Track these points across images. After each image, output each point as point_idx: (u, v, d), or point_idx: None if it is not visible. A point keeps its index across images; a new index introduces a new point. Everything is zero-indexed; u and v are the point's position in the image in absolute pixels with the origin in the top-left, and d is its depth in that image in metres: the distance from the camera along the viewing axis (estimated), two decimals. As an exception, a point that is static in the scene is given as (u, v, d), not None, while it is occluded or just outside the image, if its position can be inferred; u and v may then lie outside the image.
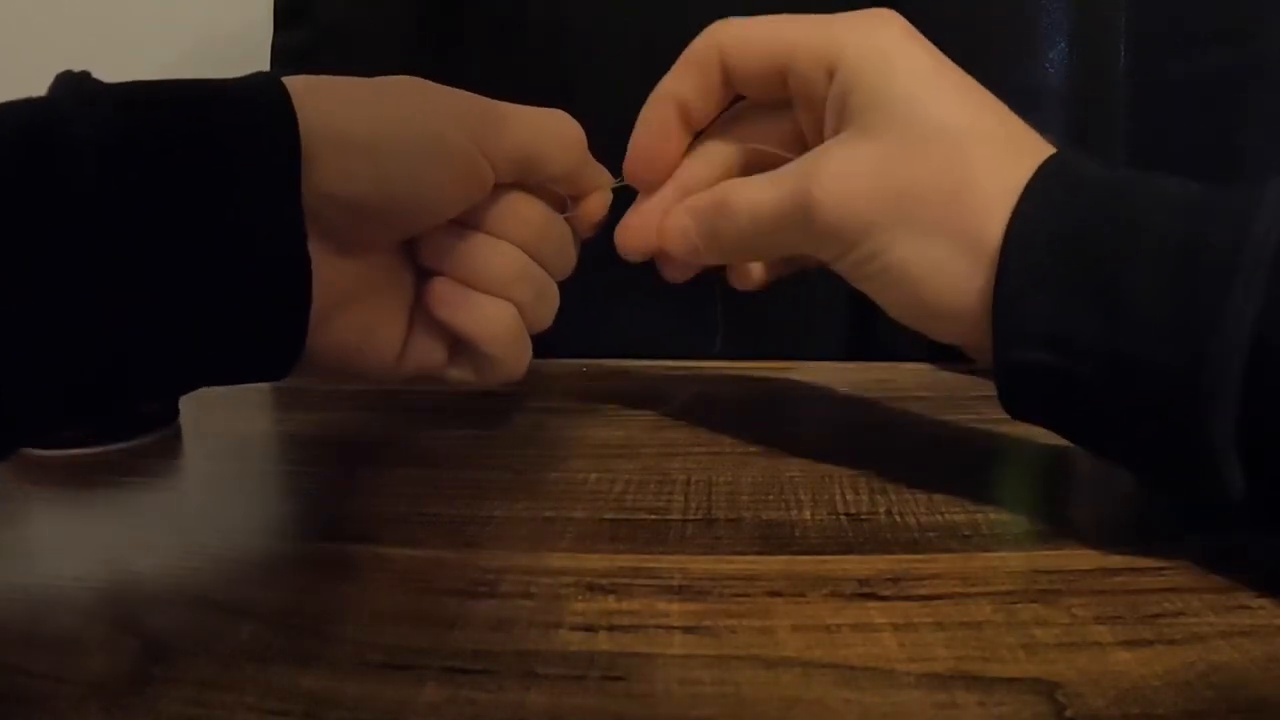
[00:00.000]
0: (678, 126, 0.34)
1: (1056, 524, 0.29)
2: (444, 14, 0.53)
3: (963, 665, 0.21)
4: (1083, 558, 0.26)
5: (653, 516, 0.29)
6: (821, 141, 0.30)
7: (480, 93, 0.32)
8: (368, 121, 0.29)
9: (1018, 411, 0.28)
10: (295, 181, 0.27)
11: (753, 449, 0.36)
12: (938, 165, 0.28)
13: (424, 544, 0.28)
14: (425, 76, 0.31)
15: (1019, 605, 0.24)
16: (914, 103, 0.29)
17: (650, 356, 0.49)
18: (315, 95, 0.28)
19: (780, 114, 0.33)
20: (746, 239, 0.32)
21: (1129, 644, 0.22)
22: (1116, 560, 0.26)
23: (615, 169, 0.35)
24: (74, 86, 0.26)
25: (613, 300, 0.49)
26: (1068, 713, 0.19)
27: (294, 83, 0.28)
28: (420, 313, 0.34)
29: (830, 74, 0.30)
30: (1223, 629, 0.22)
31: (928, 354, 0.49)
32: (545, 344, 0.38)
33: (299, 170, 0.27)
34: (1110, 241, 0.25)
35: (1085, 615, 0.23)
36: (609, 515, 0.30)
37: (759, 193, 0.31)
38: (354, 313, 0.31)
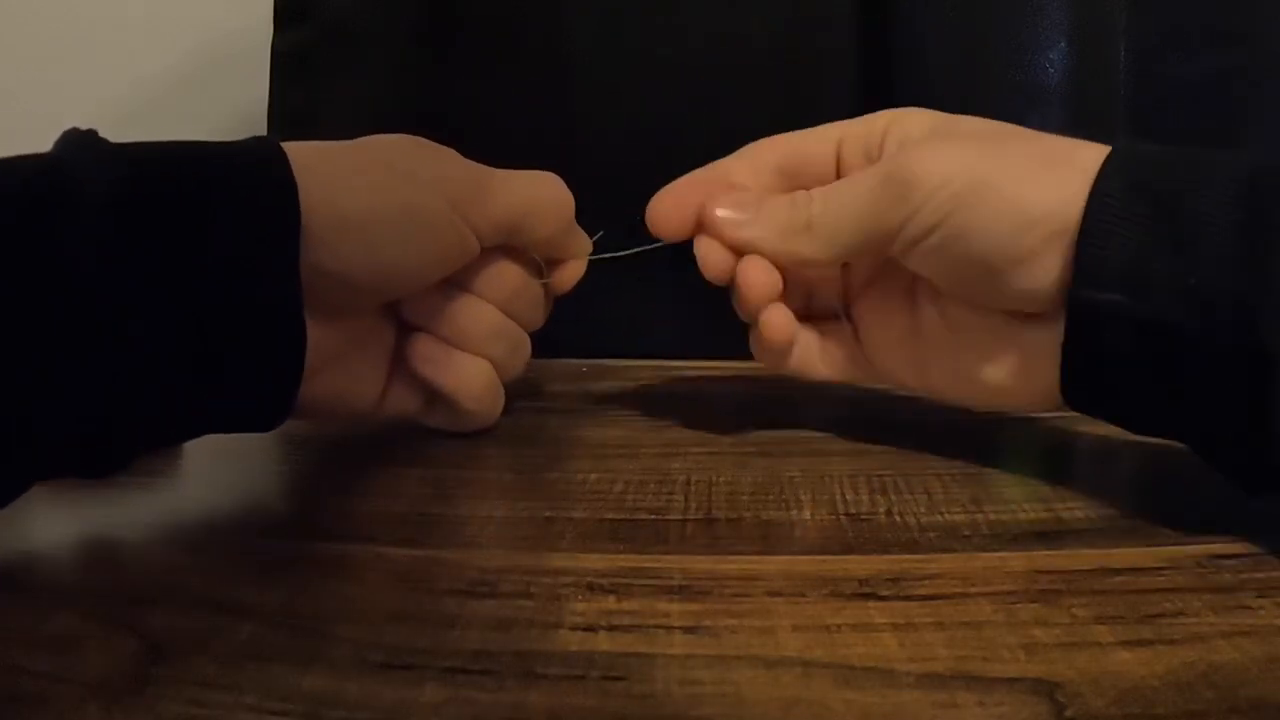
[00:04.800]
0: (718, 189, 0.34)
1: (1057, 524, 0.29)
2: (444, 14, 0.53)
3: (963, 665, 0.21)
4: (1083, 558, 0.26)
5: (653, 516, 0.29)
6: None
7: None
8: (362, 198, 0.30)
9: (1075, 377, 0.28)
10: (294, 249, 0.28)
11: (753, 449, 0.36)
12: (1012, 130, 0.30)
13: (424, 544, 0.28)
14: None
15: (1019, 605, 0.24)
16: (967, 120, 0.31)
17: (651, 356, 0.49)
18: (315, 172, 0.29)
19: (824, 145, 0.34)
20: (818, 224, 0.32)
21: (1129, 644, 0.22)
22: (1116, 560, 0.26)
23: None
24: (83, 144, 0.27)
25: (614, 300, 0.49)
26: (1068, 713, 0.19)
27: (296, 156, 0.28)
28: (399, 363, 0.35)
29: (885, 131, 0.32)
30: (1223, 629, 0.22)
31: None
32: (546, 343, 0.39)
33: (298, 250, 0.28)
34: (1183, 183, 0.26)
35: (1085, 615, 0.23)
36: (609, 515, 0.30)
37: (838, 184, 0.32)
38: (337, 369, 0.32)
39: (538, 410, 0.41)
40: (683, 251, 0.34)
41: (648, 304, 0.47)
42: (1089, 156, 0.28)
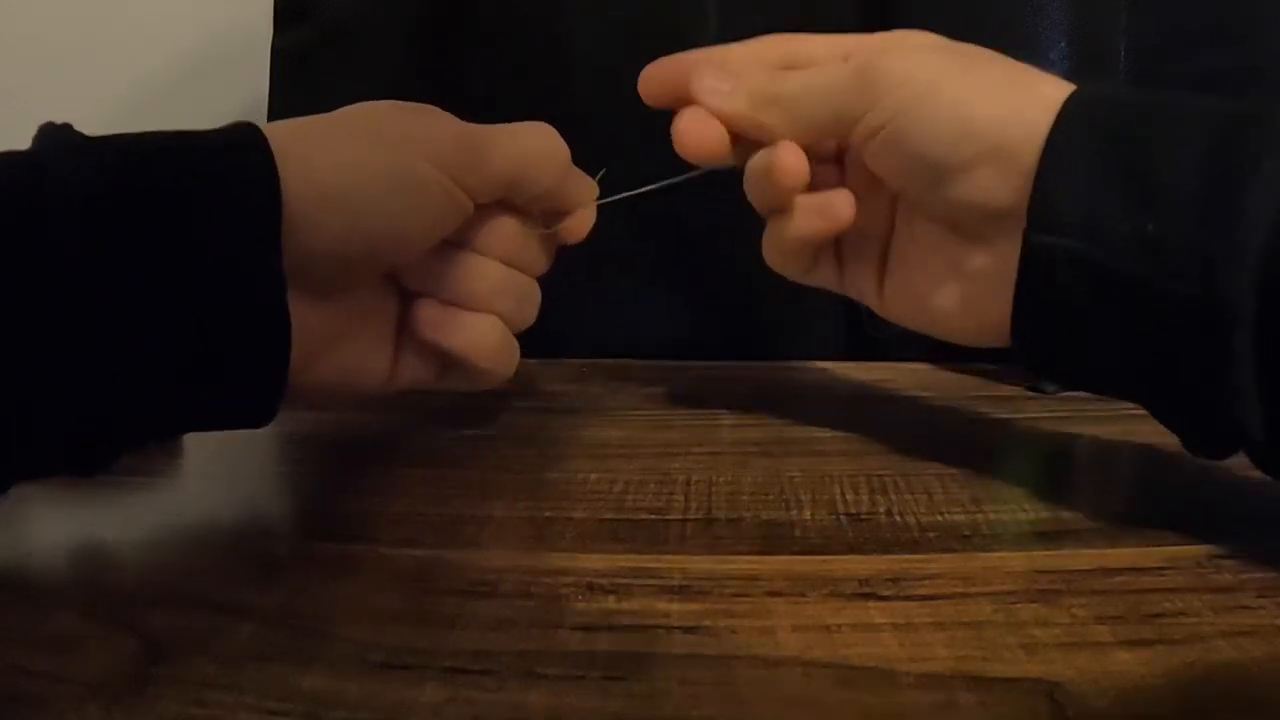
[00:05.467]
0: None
1: (1056, 524, 0.29)
2: (444, 14, 0.53)
3: (963, 665, 0.21)
4: (1083, 558, 0.26)
5: (653, 516, 0.29)
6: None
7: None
8: (343, 170, 0.29)
9: (1027, 324, 0.28)
10: (276, 241, 0.27)
11: (753, 449, 0.36)
12: (1006, 61, 0.30)
13: (424, 544, 0.28)
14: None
15: (1019, 605, 0.24)
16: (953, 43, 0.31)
17: (651, 356, 0.49)
18: (293, 153, 0.28)
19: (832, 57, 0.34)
20: (787, 97, 0.32)
21: (1129, 644, 0.22)
22: (1116, 560, 0.26)
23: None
24: (56, 139, 0.26)
25: (614, 300, 0.49)
26: (1068, 713, 0.19)
27: (275, 136, 0.28)
28: (406, 334, 0.34)
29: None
30: (1223, 629, 0.22)
31: (928, 354, 0.49)
32: (549, 342, 0.38)
33: (279, 231, 0.27)
34: (1146, 133, 0.26)
35: (1085, 615, 0.23)
36: (609, 515, 0.30)
37: (810, 70, 0.33)
38: (342, 349, 0.32)
39: (538, 410, 0.41)
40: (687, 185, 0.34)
41: (648, 304, 0.47)
42: (1054, 91, 0.28)
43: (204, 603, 0.24)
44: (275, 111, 0.58)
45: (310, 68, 0.57)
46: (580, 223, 0.36)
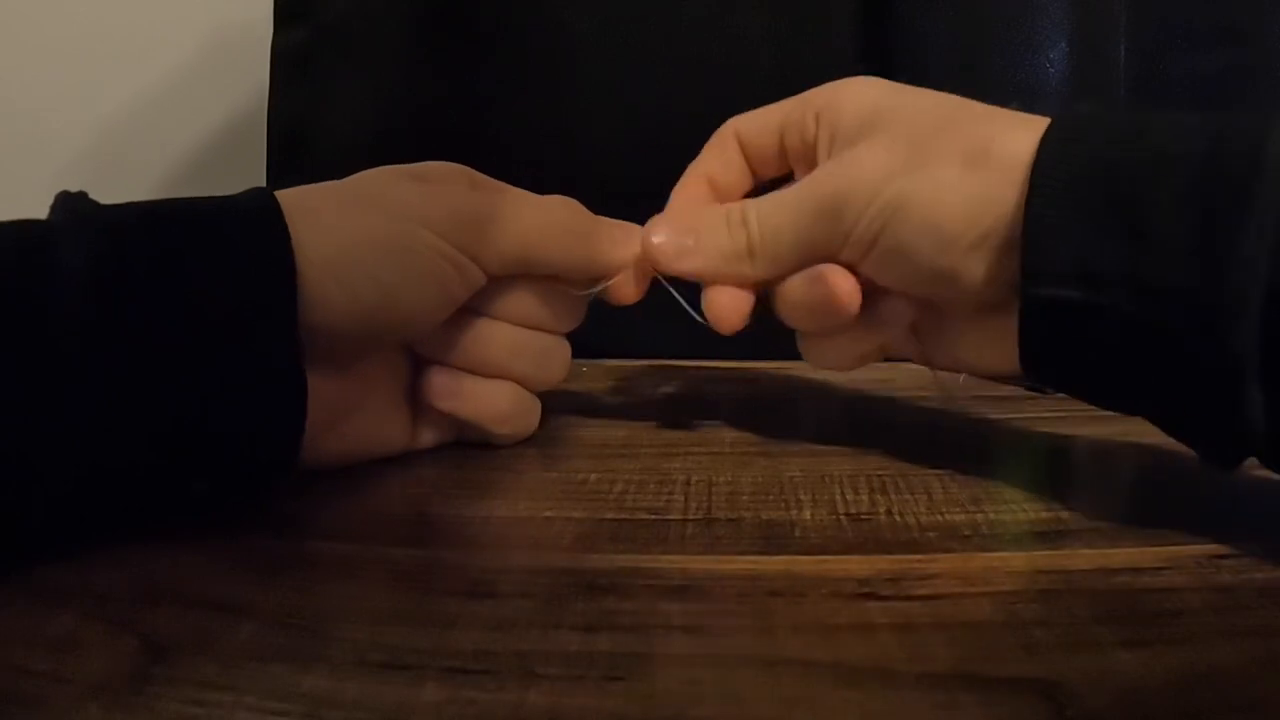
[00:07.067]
0: (708, 199, 0.35)
1: (1056, 524, 0.29)
2: (444, 14, 0.54)
3: (963, 665, 0.21)
4: (1083, 558, 0.26)
5: (653, 516, 0.29)
6: None
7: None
8: (344, 243, 0.29)
9: (1036, 364, 0.29)
10: (292, 318, 0.27)
11: (753, 449, 0.36)
12: (946, 114, 0.30)
13: (424, 544, 0.28)
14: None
15: (1019, 605, 0.24)
16: (904, 98, 0.31)
17: (651, 357, 0.49)
18: (297, 221, 0.28)
19: (769, 132, 0.34)
20: (761, 246, 0.32)
21: (1129, 644, 0.22)
22: (1116, 560, 0.26)
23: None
24: (69, 208, 0.27)
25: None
26: (1068, 713, 0.19)
27: (287, 206, 0.28)
28: (422, 400, 0.34)
29: (817, 118, 0.32)
30: (1223, 629, 0.22)
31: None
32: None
33: (295, 308, 0.27)
34: (1133, 169, 0.26)
35: (1085, 615, 0.23)
36: (609, 515, 0.30)
37: (773, 207, 0.32)
38: (357, 419, 0.32)
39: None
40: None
41: (648, 304, 0.47)
42: (1015, 145, 0.27)
43: (204, 603, 0.24)
44: (275, 111, 0.58)
45: (310, 68, 0.57)
46: (627, 284, 0.34)
